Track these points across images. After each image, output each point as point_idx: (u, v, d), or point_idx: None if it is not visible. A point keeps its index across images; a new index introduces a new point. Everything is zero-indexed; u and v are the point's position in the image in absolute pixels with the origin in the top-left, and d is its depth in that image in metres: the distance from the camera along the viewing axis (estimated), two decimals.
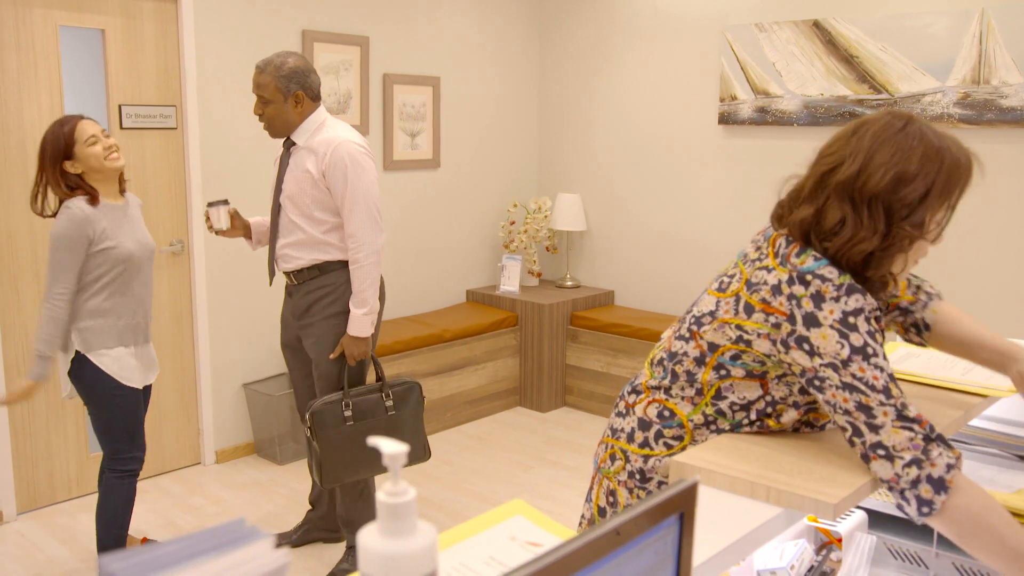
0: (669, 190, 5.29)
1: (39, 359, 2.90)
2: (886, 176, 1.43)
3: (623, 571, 0.84)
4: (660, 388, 1.62)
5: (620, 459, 1.66)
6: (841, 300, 1.40)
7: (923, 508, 1.31)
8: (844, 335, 1.39)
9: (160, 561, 0.60)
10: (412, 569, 0.71)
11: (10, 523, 3.75)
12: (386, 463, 0.71)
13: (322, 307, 3.16)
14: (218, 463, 4.41)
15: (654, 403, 1.62)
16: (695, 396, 1.57)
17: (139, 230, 3.05)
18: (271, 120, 3.10)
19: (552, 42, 5.77)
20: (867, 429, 1.36)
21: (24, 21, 3.64)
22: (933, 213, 1.45)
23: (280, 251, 3.20)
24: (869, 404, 1.37)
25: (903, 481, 1.33)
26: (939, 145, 1.45)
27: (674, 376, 1.59)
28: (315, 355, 3.20)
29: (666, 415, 1.60)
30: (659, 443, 1.60)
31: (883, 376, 1.39)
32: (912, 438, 1.35)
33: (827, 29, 4.49)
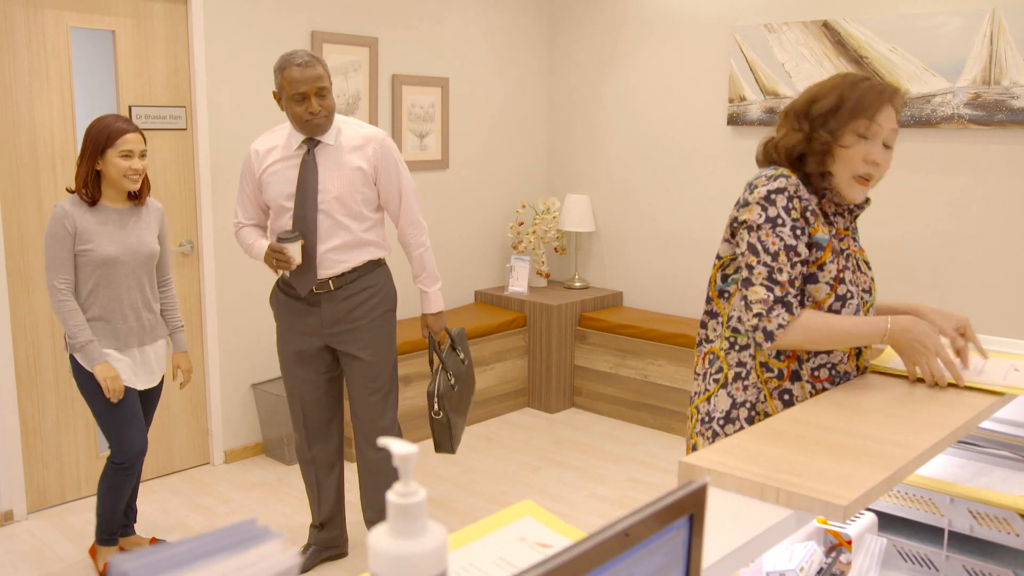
0: (678, 191, 5.28)
1: (81, 349, 2.99)
2: (804, 96, 1.94)
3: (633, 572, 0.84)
4: (704, 341, 1.99)
5: (693, 416, 2.00)
6: (769, 182, 1.84)
7: (765, 342, 1.80)
8: (764, 207, 1.82)
9: (171, 561, 0.60)
10: (422, 570, 0.71)
11: (20, 522, 3.76)
12: (396, 463, 0.71)
13: (368, 309, 3.12)
14: (227, 463, 4.42)
15: (705, 356, 1.98)
16: (718, 326, 1.96)
17: (134, 235, 3.07)
18: (329, 112, 3.01)
19: (561, 43, 5.76)
20: (745, 282, 1.82)
21: (36, 22, 3.66)
22: (845, 124, 1.83)
23: (323, 256, 3.04)
24: (754, 264, 1.81)
25: (747, 324, 1.83)
26: (858, 77, 1.89)
27: (704, 321, 1.99)
28: (366, 355, 3.13)
29: (711, 358, 1.97)
30: (710, 381, 1.96)
31: (780, 243, 1.79)
32: (766, 298, 1.79)
33: (836, 30, 4.48)
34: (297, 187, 3.02)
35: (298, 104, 2.96)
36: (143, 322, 3.12)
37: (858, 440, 1.47)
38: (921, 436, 1.49)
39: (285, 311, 3.19)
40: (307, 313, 3.13)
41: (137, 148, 3.00)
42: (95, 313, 3.03)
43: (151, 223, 3.15)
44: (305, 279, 3.08)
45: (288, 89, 2.96)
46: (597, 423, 5.10)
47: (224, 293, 4.34)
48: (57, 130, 3.76)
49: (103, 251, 2.99)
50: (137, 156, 3.00)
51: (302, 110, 2.96)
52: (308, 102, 2.95)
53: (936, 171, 4.30)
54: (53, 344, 3.83)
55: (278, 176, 3.06)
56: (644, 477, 4.32)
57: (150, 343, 3.16)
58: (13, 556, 3.47)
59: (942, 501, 1.60)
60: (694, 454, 1.43)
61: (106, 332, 3.05)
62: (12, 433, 3.73)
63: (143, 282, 3.12)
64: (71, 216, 2.97)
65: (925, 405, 1.67)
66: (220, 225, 4.27)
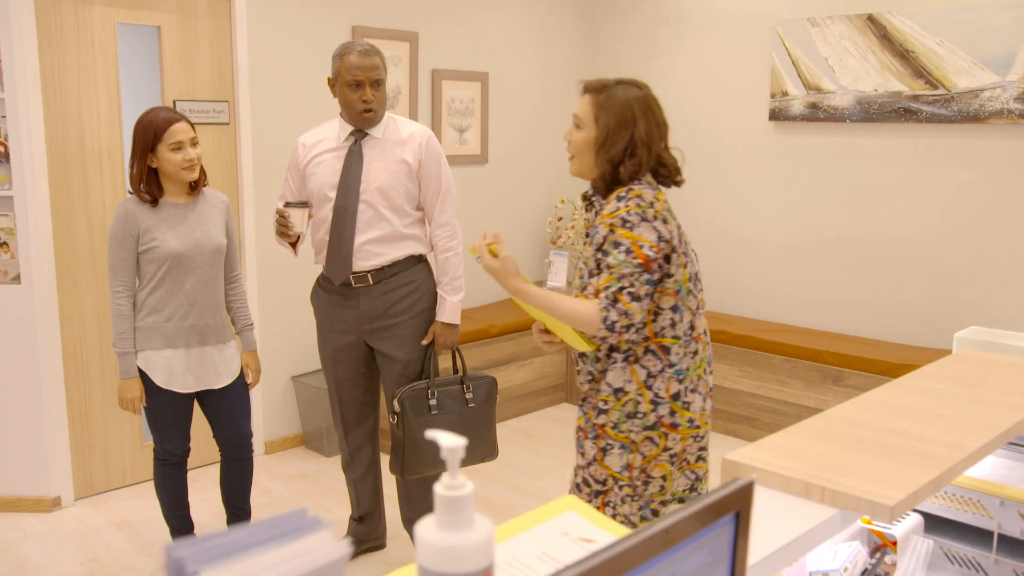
0: (718, 187, 5.24)
1: (118, 357, 2.97)
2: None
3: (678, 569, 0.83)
4: None
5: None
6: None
7: None
8: None
9: (224, 549, 0.61)
10: (469, 562, 0.71)
11: (68, 508, 3.84)
12: (444, 456, 0.71)
13: (407, 305, 3.09)
14: (267, 454, 4.47)
15: None
16: None
17: (199, 229, 3.00)
18: (381, 105, 3.02)
19: (601, 37, 5.74)
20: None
21: (84, 19, 3.72)
22: None
23: (360, 248, 3.03)
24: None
25: None
26: None
27: None
28: (402, 354, 3.10)
29: None
30: None
31: None
32: None
33: (882, 23, 4.41)
34: (341, 176, 3.02)
35: (352, 91, 2.96)
36: (206, 322, 3.04)
37: (904, 440, 1.45)
38: (970, 437, 1.46)
39: (324, 306, 3.19)
40: (345, 308, 3.13)
41: (186, 137, 2.92)
42: (155, 309, 2.97)
43: (216, 216, 3.07)
44: (340, 268, 3.06)
45: (345, 75, 2.96)
46: None
47: (266, 286, 4.39)
48: (104, 125, 3.83)
49: (167, 247, 2.93)
50: (189, 145, 2.93)
51: (356, 98, 2.96)
52: (363, 90, 2.96)
53: (984, 167, 4.22)
54: (100, 336, 3.90)
55: (323, 166, 3.07)
56: None
57: (213, 344, 3.07)
58: (60, 540, 3.54)
59: (991, 503, 1.57)
60: (737, 451, 1.42)
61: (164, 330, 2.98)
62: (60, 422, 3.81)
63: (210, 279, 3.04)
64: (133, 216, 2.92)
65: (972, 406, 1.64)
66: (263, 218, 4.31)
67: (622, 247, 2.05)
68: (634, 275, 2.04)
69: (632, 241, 2.05)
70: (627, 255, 2.04)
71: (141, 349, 2.98)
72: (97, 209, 3.85)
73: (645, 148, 2.16)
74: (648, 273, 2.05)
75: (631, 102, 2.16)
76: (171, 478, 3.19)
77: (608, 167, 2.17)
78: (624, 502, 2.20)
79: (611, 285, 2.04)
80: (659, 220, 2.09)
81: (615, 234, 2.07)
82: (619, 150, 2.14)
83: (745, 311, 5.20)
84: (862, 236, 4.66)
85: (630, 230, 2.06)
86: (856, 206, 4.66)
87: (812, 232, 4.85)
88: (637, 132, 2.15)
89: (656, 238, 2.07)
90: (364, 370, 3.22)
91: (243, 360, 3.24)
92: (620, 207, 2.08)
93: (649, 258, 2.05)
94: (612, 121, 2.14)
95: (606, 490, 2.21)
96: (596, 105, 2.16)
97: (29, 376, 3.74)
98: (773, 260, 5.05)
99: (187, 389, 3.05)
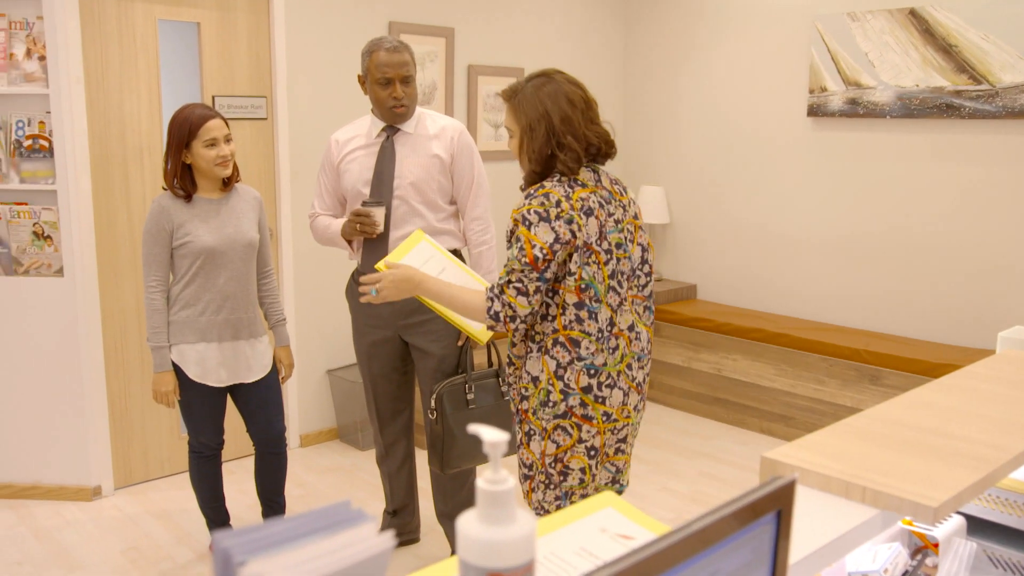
0: (755, 183, 5.19)
1: (152, 351, 3.01)
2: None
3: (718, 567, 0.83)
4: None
5: None
6: None
7: None
8: None
9: (270, 539, 0.62)
10: (510, 556, 0.71)
11: (107, 497, 3.90)
12: (486, 450, 0.71)
13: None
14: (302, 447, 4.51)
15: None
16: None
17: (231, 224, 3.02)
18: (412, 100, 3.02)
19: (638, 32, 5.71)
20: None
21: (126, 15, 3.77)
22: None
23: (395, 242, 3.02)
24: None
25: None
26: None
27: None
28: (438, 349, 3.10)
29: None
30: None
31: None
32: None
33: (924, 17, 4.34)
34: (374, 172, 3.03)
35: (382, 88, 2.97)
36: (239, 316, 3.07)
37: (947, 440, 1.43)
38: (1016, 438, 1.44)
39: (359, 302, 3.19)
40: (381, 304, 3.10)
41: (221, 134, 2.95)
42: (188, 303, 3.00)
43: (248, 212, 3.10)
44: (373, 263, 3.02)
45: (374, 73, 2.97)
46: (669, 416, 5.06)
47: (302, 281, 4.42)
48: (144, 121, 3.88)
49: (201, 242, 2.95)
50: (222, 142, 2.96)
51: (386, 95, 2.97)
52: (393, 87, 2.96)
53: None
54: (139, 329, 3.96)
55: (357, 163, 3.08)
56: (716, 472, 4.27)
57: (246, 338, 3.10)
58: (101, 529, 3.60)
59: None
60: (776, 450, 1.41)
61: (198, 324, 3.01)
62: (100, 413, 3.87)
63: (243, 273, 3.07)
64: (168, 212, 2.96)
65: (1018, 407, 1.61)
66: (298, 213, 4.35)
67: (518, 244, 2.13)
68: (523, 271, 2.12)
69: (526, 239, 2.12)
70: (519, 252, 2.13)
71: (175, 343, 3.02)
72: (137, 203, 3.90)
73: (569, 135, 2.17)
74: (536, 272, 2.12)
75: (539, 95, 2.19)
76: (206, 470, 3.23)
77: (536, 163, 2.20)
78: (539, 488, 2.29)
79: (503, 278, 2.15)
80: (562, 220, 2.12)
81: (517, 229, 2.15)
82: (541, 143, 2.18)
83: (782, 309, 5.15)
84: (902, 233, 4.60)
85: (528, 228, 2.12)
86: (896, 203, 4.59)
87: (850, 229, 4.79)
88: (553, 122, 2.17)
89: (552, 239, 2.11)
90: (399, 365, 3.23)
91: (276, 355, 3.27)
92: (524, 204, 2.15)
93: (536, 258, 2.11)
94: (526, 119, 2.19)
95: (532, 475, 2.30)
96: (514, 109, 2.22)
97: (71, 368, 3.80)
98: (811, 257, 4.99)
99: (220, 383, 3.08)
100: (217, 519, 3.32)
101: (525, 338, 2.28)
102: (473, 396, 3.03)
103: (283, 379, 3.30)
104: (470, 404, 3.02)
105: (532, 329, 2.24)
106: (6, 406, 3.82)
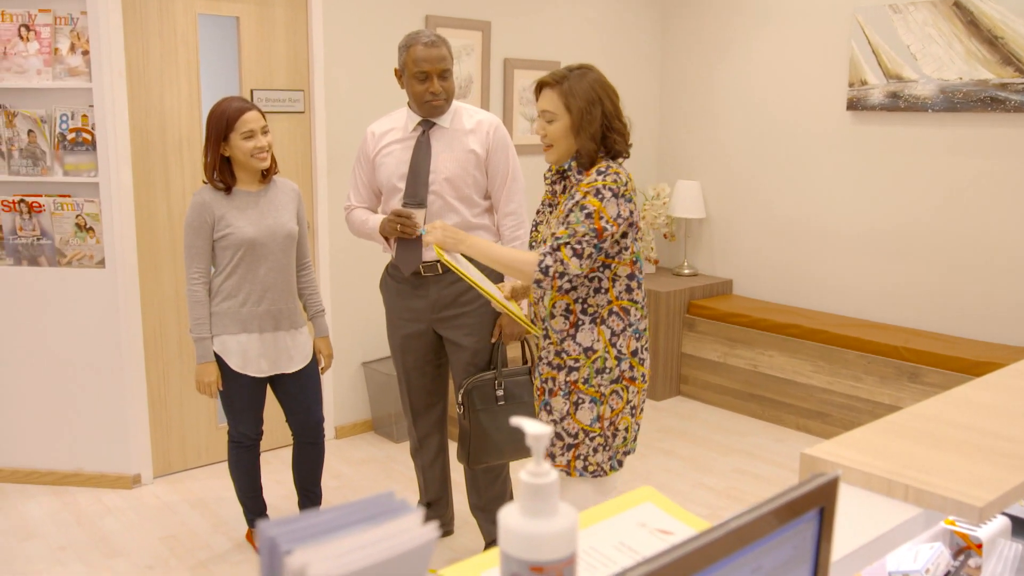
0: (793, 178, 5.14)
1: (195, 343, 3.05)
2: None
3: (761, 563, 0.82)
4: None
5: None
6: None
7: None
8: None
9: (315, 529, 0.62)
10: (552, 549, 0.71)
11: (147, 485, 3.97)
12: (529, 443, 0.71)
13: (476, 294, 3.05)
14: (337, 439, 4.55)
15: None
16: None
17: (270, 216, 3.05)
18: (449, 95, 3.02)
19: (675, 25, 5.67)
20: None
21: (167, 10, 3.81)
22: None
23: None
24: None
25: None
26: None
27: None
28: (471, 343, 3.10)
29: None
30: None
31: None
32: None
33: (969, 9, 4.26)
34: (410, 167, 3.03)
35: (420, 83, 2.96)
36: (279, 307, 3.10)
37: (993, 440, 1.40)
38: None
39: (394, 295, 3.20)
40: (414, 297, 3.14)
41: (257, 125, 2.97)
42: (229, 295, 3.03)
43: (287, 204, 3.13)
44: (410, 258, 3.07)
45: (411, 67, 2.96)
46: (704, 412, 5.03)
47: (338, 273, 4.45)
48: (184, 114, 3.92)
49: (241, 234, 2.98)
50: (260, 133, 2.98)
51: (423, 89, 2.96)
52: (430, 81, 2.95)
53: None
54: (178, 320, 4.01)
55: (392, 157, 3.07)
56: (751, 469, 4.24)
57: (286, 329, 3.13)
58: (140, 516, 3.66)
59: None
60: (816, 447, 1.40)
61: (239, 315, 3.04)
62: (140, 402, 3.93)
63: (283, 265, 3.09)
64: (209, 205, 2.99)
65: None
66: (335, 206, 4.38)
67: (585, 211, 2.28)
68: (586, 236, 2.27)
69: (596, 209, 2.27)
70: (587, 218, 2.27)
71: (217, 334, 3.05)
72: (177, 196, 3.95)
73: (616, 119, 2.39)
74: (598, 239, 2.28)
75: (592, 83, 2.37)
76: (245, 460, 3.27)
77: (591, 144, 2.37)
78: (597, 451, 2.45)
79: (561, 238, 2.29)
80: (625, 199, 2.32)
81: (585, 199, 2.29)
82: (596, 126, 2.36)
83: (819, 305, 5.10)
84: (943, 229, 4.52)
85: (600, 200, 2.28)
86: (937, 198, 4.52)
87: (889, 224, 4.73)
88: (605, 107, 2.37)
89: (616, 214, 2.29)
90: (432, 358, 3.24)
91: (315, 345, 3.29)
92: (598, 179, 2.31)
93: (604, 229, 2.28)
94: (582, 104, 2.35)
95: (577, 443, 2.45)
96: (562, 95, 2.37)
97: (112, 358, 3.86)
98: (849, 253, 4.93)
99: (261, 373, 3.11)
100: (255, 508, 3.36)
101: (569, 312, 2.41)
102: (503, 392, 3.03)
103: (323, 369, 3.32)
104: (499, 400, 3.02)
105: (584, 303, 2.40)
106: (50, 394, 3.89)
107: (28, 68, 3.68)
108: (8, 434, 3.93)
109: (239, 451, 3.25)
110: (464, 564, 0.97)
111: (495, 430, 2.99)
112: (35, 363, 3.88)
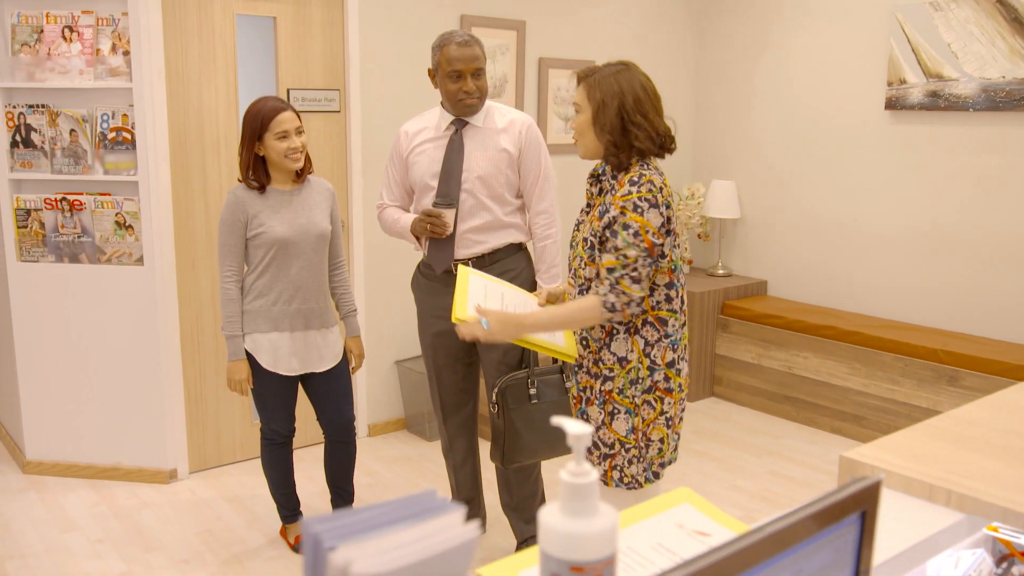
0: (830, 178, 5.08)
1: (227, 340, 3.08)
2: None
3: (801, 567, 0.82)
4: None
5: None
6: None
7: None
8: None
9: (357, 526, 0.63)
10: (593, 549, 0.71)
11: (183, 480, 4.01)
12: (570, 443, 0.71)
13: None
14: (370, 436, 4.57)
15: None
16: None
17: (303, 215, 3.07)
18: (482, 94, 3.03)
19: (711, 26, 5.63)
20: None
21: (206, 10, 3.86)
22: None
23: (462, 236, 3.04)
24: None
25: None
26: None
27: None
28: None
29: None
30: None
31: None
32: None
33: (1013, 5, 4.19)
34: (442, 165, 3.04)
35: (453, 82, 2.97)
36: (310, 306, 3.12)
37: None
38: None
39: (425, 293, 3.21)
40: (445, 295, 3.12)
41: (292, 126, 2.99)
42: (261, 293, 3.06)
43: (321, 203, 3.14)
44: (442, 256, 3.08)
45: (445, 67, 2.97)
46: (737, 414, 4.99)
47: (372, 272, 4.48)
48: (222, 114, 3.97)
49: (274, 233, 3.01)
50: (294, 134, 3.00)
51: (456, 88, 2.97)
52: (463, 81, 2.97)
53: None
54: (214, 317, 4.06)
55: (425, 156, 3.09)
56: (785, 471, 4.20)
57: (317, 328, 3.15)
58: (176, 511, 3.71)
59: None
60: (856, 450, 1.38)
61: (270, 314, 3.06)
62: (177, 398, 3.98)
63: (315, 264, 3.11)
64: (243, 203, 3.01)
65: None
66: (370, 205, 4.40)
67: (630, 230, 2.23)
68: (639, 259, 2.23)
69: (640, 225, 2.22)
70: (635, 238, 2.22)
71: (248, 332, 3.08)
72: (214, 194, 4.00)
73: (639, 114, 2.30)
74: (651, 257, 2.25)
75: (615, 76, 2.32)
76: (278, 457, 3.30)
77: (608, 137, 2.32)
78: (631, 463, 2.42)
79: (615, 270, 2.24)
80: (663, 206, 2.27)
81: (625, 216, 2.24)
82: (612, 119, 2.30)
83: (855, 306, 5.04)
84: (982, 230, 4.45)
85: (640, 215, 2.23)
86: (977, 199, 4.45)
87: (927, 225, 4.66)
88: (625, 100, 2.30)
89: (660, 224, 2.25)
90: (463, 357, 3.24)
91: (346, 345, 3.31)
92: (632, 191, 2.25)
93: (653, 244, 2.24)
94: (601, 95, 2.31)
95: (613, 453, 2.42)
96: (588, 87, 2.34)
97: (149, 354, 3.91)
98: (886, 253, 4.87)
99: (292, 372, 3.13)
100: (288, 505, 3.39)
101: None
102: (535, 391, 3.03)
103: (353, 369, 3.34)
104: (532, 399, 3.02)
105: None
106: (89, 390, 3.96)
107: (71, 68, 3.74)
108: (48, 428, 4.00)
109: (272, 448, 3.28)
110: (502, 563, 0.97)
111: (528, 429, 2.99)
112: (74, 359, 3.94)
